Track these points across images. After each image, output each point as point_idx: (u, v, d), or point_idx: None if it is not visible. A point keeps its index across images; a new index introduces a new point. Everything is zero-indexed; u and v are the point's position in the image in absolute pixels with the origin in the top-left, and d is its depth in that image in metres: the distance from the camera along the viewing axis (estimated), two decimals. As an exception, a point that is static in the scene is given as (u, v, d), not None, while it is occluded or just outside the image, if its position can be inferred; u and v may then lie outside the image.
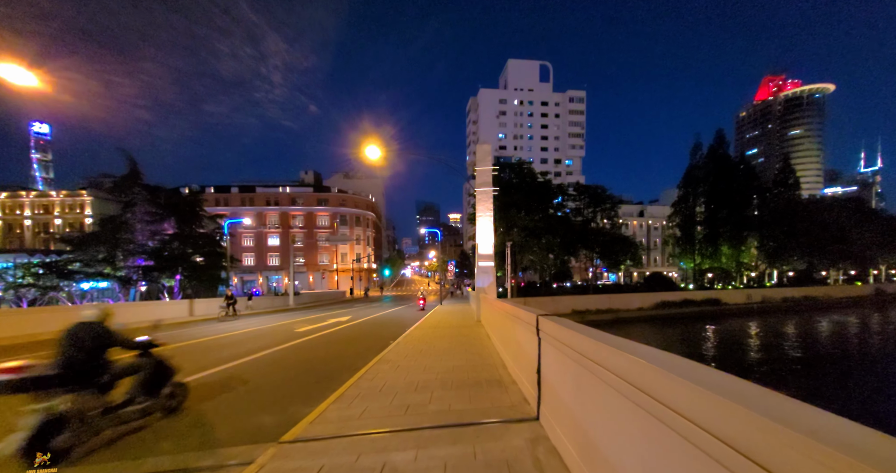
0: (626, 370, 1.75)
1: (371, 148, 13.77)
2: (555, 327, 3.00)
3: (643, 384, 1.60)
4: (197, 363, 7.18)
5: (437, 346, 8.47)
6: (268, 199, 71.69)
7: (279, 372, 6.51)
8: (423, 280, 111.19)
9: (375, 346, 8.98)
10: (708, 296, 37.28)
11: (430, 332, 11.02)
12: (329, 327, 13.46)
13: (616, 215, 37.95)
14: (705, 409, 1.21)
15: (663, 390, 1.45)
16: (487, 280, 13.60)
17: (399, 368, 6.23)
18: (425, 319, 15.57)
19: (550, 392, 3.24)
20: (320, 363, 7.28)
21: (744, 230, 44.01)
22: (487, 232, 13.89)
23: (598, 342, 2.12)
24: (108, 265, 28.22)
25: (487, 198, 13.93)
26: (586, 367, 2.29)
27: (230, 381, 5.84)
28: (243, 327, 14.07)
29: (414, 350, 7.94)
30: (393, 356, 7.28)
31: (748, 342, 24.10)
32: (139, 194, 30.94)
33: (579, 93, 77.27)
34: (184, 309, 20.80)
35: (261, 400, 4.89)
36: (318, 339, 10.42)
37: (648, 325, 31.95)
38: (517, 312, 4.54)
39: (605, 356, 2.02)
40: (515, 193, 30.26)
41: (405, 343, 9.01)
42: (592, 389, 2.24)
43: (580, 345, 2.41)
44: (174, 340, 10.34)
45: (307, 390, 5.32)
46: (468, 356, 7.17)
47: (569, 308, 33.53)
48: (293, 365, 7.12)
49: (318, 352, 8.47)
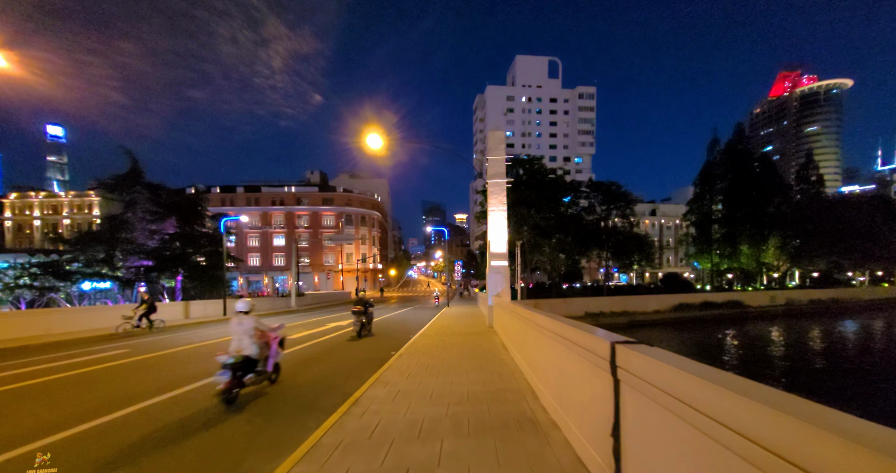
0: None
1: (373, 137, 12.52)
2: (658, 369, 1.68)
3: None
4: (124, 391, 5.96)
5: (446, 360, 7.16)
6: (273, 199, 71.14)
7: (249, 403, 5.24)
8: (430, 281, 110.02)
9: (374, 358, 7.72)
10: (729, 298, 35.38)
11: (437, 340, 9.71)
12: (326, 333, 12.24)
13: (632, 212, 36.22)
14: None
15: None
16: (501, 282, 12.25)
17: (399, 395, 4.93)
18: (432, 323, 14.29)
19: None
20: (304, 386, 6.00)
21: (765, 229, 41.92)
22: (500, 228, 12.53)
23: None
24: (106, 266, 27.40)
25: (500, 190, 12.59)
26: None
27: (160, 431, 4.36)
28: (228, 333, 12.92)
29: (419, 366, 6.64)
30: (393, 375, 5.99)
31: (779, 349, 22.36)
32: (140, 192, 30.12)
33: (589, 89, 75.32)
34: (178, 311, 19.80)
35: (208, 453, 3.57)
36: (309, 350, 9.18)
37: (666, 329, 30.28)
38: (564, 330, 3.20)
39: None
40: (526, 189, 28.82)
41: (409, 355, 7.72)
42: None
43: (729, 413, 1.08)
44: (122, 354, 9.19)
45: (277, 431, 4.04)
46: (485, 376, 5.84)
47: (581, 311, 32.02)
48: (269, 389, 5.86)
49: (304, 370, 7.21)
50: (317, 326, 14.45)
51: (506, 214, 12.65)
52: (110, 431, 3.99)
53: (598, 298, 34.20)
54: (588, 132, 75.95)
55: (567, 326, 3.14)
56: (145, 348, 9.66)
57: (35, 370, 7.01)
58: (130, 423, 4.22)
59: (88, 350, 9.45)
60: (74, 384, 5.99)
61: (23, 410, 4.70)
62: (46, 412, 4.57)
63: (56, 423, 4.14)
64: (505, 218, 12.61)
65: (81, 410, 4.60)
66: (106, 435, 3.86)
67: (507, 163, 12.81)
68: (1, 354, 8.88)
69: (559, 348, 3.48)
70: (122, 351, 9.14)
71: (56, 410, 4.64)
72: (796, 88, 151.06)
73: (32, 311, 17.63)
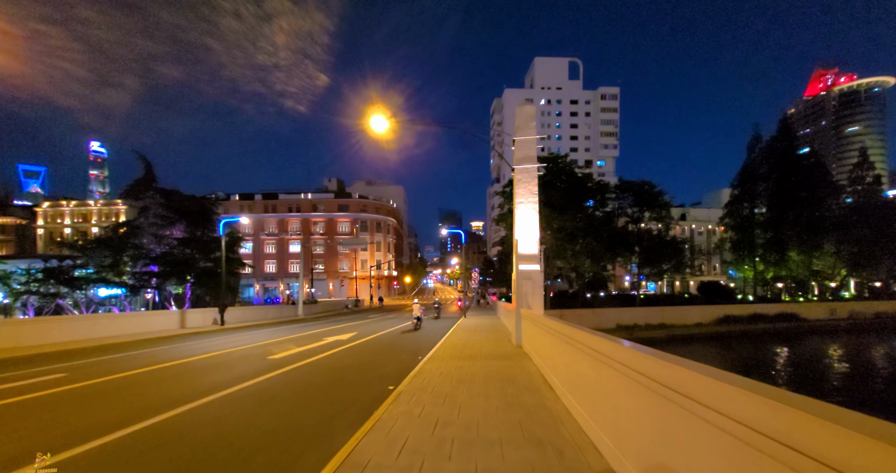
0: None
1: (377, 118, 10.54)
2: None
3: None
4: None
5: (465, 407, 4.84)
6: (290, 205, 71.00)
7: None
8: (447, 289, 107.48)
9: (362, 400, 5.49)
10: (782, 310, 31.45)
11: (451, 367, 7.39)
12: (318, 351, 10.11)
13: (668, 215, 32.92)
14: None
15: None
16: (531, 290, 9.87)
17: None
18: (446, 339, 11.98)
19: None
20: (242, 451, 3.82)
21: (819, 234, 37.65)
22: (530, 225, 10.18)
23: None
24: (111, 271, 26.50)
25: (530, 178, 10.28)
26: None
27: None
28: (209, 349, 10.99)
29: (424, 420, 4.36)
30: (380, 442, 3.73)
31: (862, 375, 18.77)
32: (152, 197, 29.58)
33: (612, 89, 72.26)
34: (174, 321, 18.22)
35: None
36: (283, 379, 7.03)
37: (711, 345, 26.79)
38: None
39: None
40: (550, 190, 26.30)
41: (412, 394, 5.44)
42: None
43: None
44: (52, 381, 7.27)
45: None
46: (532, 449, 3.49)
47: (612, 323, 28.99)
48: (184, 456, 3.69)
49: (258, 416, 5.02)
50: (311, 341, 12.36)
51: (537, 207, 10.31)
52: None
53: (630, 308, 31.02)
54: (611, 134, 72.63)
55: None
56: (89, 371, 7.77)
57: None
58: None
59: (27, 372, 7.64)
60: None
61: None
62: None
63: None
64: (536, 212, 10.27)
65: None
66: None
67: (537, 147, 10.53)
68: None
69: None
70: (55, 377, 7.25)
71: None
72: (834, 87, 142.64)
73: (12, 320, 16.41)
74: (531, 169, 10.27)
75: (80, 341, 12.90)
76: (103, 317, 16.76)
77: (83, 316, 16.89)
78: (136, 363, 8.68)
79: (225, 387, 6.17)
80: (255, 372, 7.32)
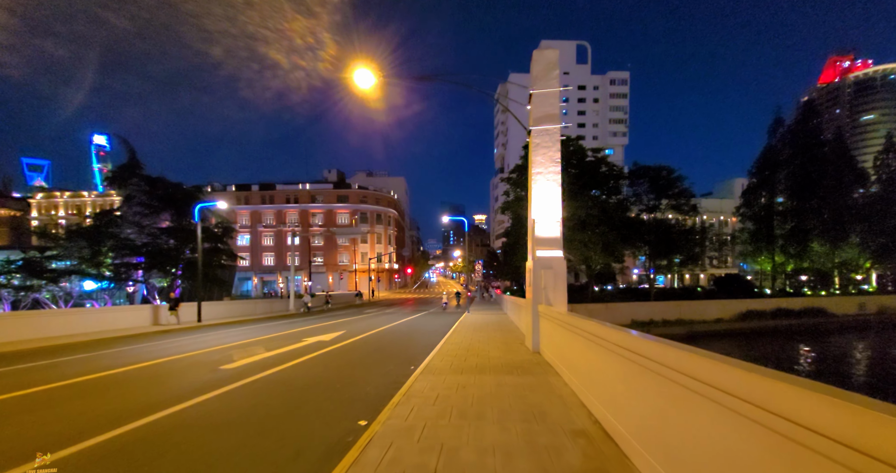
0: None
1: (362, 72, 8.47)
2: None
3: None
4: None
5: (476, 462, 2.88)
6: (288, 196, 69.14)
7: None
8: (449, 282, 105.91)
9: (311, 451, 3.54)
10: (808, 305, 29.32)
11: (451, 389, 5.43)
12: (288, 357, 8.19)
13: (687, 204, 30.62)
14: None
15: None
16: (552, 282, 7.85)
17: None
18: (447, 341, 10.06)
19: None
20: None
21: (846, 223, 35.30)
22: (551, 201, 8.13)
23: None
24: (90, 263, 24.74)
25: (551, 142, 8.19)
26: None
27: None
28: (160, 353, 9.11)
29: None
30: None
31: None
32: (136, 185, 27.72)
33: (622, 74, 69.17)
34: (145, 317, 16.42)
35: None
36: (215, 405, 5.09)
37: (734, 342, 24.82)
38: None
39: None
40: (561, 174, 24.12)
41: (388, 442, 3.49)
42: None
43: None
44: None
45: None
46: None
47: (627, 318, 27.09)
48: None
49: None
50: (285, 343, 10.46)
51: (559, 178, 8.24)
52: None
53: (645, 303, 29.01)
54: (620, 121, 69.74)
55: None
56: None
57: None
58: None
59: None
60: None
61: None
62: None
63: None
64: (559, 184, 8.20)
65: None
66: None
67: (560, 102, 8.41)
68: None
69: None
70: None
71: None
72: (850, 74, 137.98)
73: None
74: (552, 131, 8.17)
75: (22, 341, 11.09)
76: (62, 313, 14.96)
77: (34, 313, 15.11)
78: (49, 374, 6.80)
79: (118, 422, 4.24)
80: (187, 392, 5.40)
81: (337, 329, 13.67)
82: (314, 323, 16.58)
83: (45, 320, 13.02)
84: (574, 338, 5.07)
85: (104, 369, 7.17)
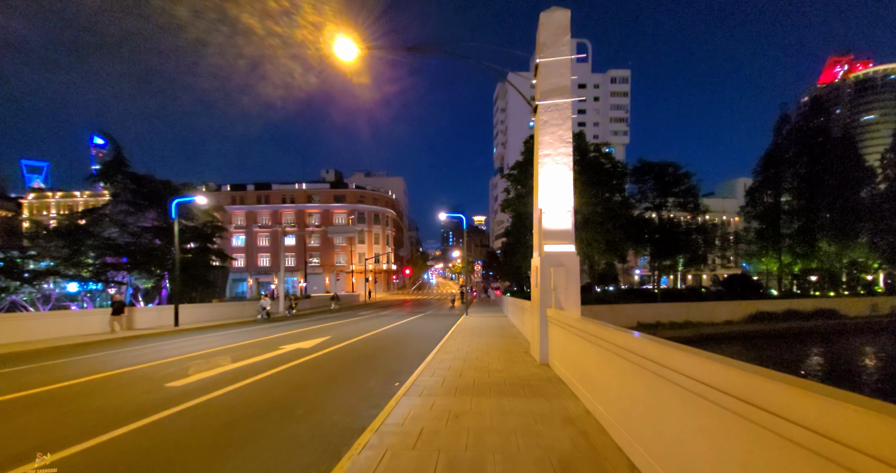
0: None
1: (342, 41, 7.31)
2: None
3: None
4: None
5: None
6: (284, 196, 67.98)
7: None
8: (448, 283, 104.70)
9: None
10: (819, 306, 28.20)
11: (441, 422, 4.23)
12: (253, 371, 6.99)
13: (694, 202, 29.51)
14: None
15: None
16: (564, 282, 6.68)
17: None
18: (442, 348, 8.86)
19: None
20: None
21: (856, 222, 34.25)
22: (562, 187, 6.97)
23: None
24: (68, 264, 23.50)
25: (561, 120, 7.04)
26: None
27: None
28: (112, 364, 7.89)
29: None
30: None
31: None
32: (122, 182, 26.62)
33: (623, 72, 68.20)
34: (104, 322, 15.07)
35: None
36: (133, 440, 3.90)
37: (744, 345, 23.68)
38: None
39: None
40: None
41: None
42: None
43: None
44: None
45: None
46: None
47: (633, 320, 25.93)
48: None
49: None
50: (260, 351, 9.24)
51: (571, 161, 7.08)
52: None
53: (651, 304, 27.84)
54: (621, 120, 68.74)
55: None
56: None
57: None
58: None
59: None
60: None
61: None
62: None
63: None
64: (570, 168, 7.04)
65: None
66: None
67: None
68: None
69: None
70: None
71: None
72: (850, 74, 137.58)
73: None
74: (563, 106, 7.00)
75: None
76: (18, 318, 13.69)
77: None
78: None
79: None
80: (101, 423, 4.20)
81: (322, 334, 12.46)
82: (301, 327, 15.37)
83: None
84: (599, 354, 3.90)
85: (21, 387, 5.95)
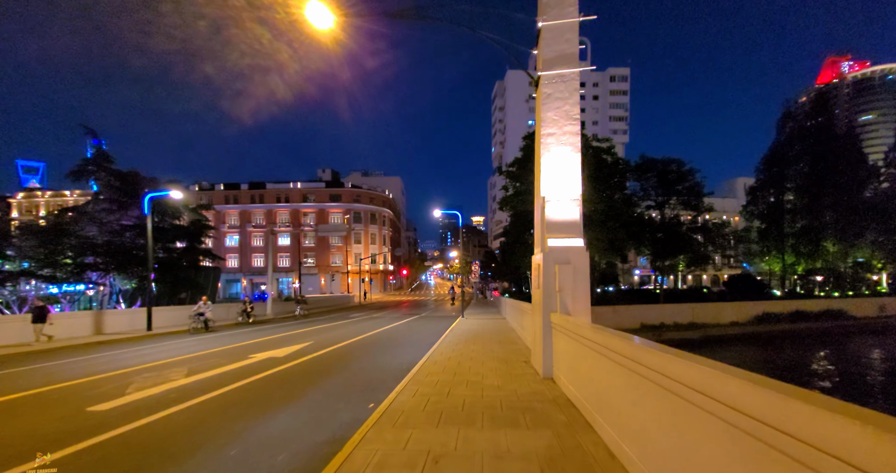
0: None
1: (314, 5, 6.26)
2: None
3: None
4: None
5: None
6: (278, 195, 66.82)
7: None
8: (446, 284, 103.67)
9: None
10: (827, 307, 27.35)
11: (417, 456, 3.20)
12: (208, 386, 5.95)
13: (698, 200, 28.63)
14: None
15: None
16: (571, 283, 5.68)
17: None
18: (431, 357, 7.84)
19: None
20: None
21: (862, 221, 33.49)
22: (568, 172, 5.98)
23: None
24: (42, 264, 22.38)
25: (568, 94, 6.05)
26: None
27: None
28: (43, 379, 6.84)
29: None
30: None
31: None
32: (104, 179, 25.51)
33: (622, 70, 67.41)
34: (86, 325, 14.01)
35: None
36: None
37: (751, 347, 22.80)
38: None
39: None
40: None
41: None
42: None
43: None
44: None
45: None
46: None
47: (636, 322, 24.99)
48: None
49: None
50: (225, 361, 8.20)
51: (579, 142, 6.08)
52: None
53: (654, 306, 26.91)
54: (621, 118, 67.97)
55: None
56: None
57: None
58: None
59: None
60: None
61: None
62: None
63: None
64: (577, 150, 6.05)
65: None
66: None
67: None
68: None
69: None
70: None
71: None
72: (848, 75, 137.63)
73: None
74: (569, 77, 5.99)
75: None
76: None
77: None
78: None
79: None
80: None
81: (304, 339, 11.42)
82: (286, 331, 14.31)
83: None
84: (628, 379, 2.90)
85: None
